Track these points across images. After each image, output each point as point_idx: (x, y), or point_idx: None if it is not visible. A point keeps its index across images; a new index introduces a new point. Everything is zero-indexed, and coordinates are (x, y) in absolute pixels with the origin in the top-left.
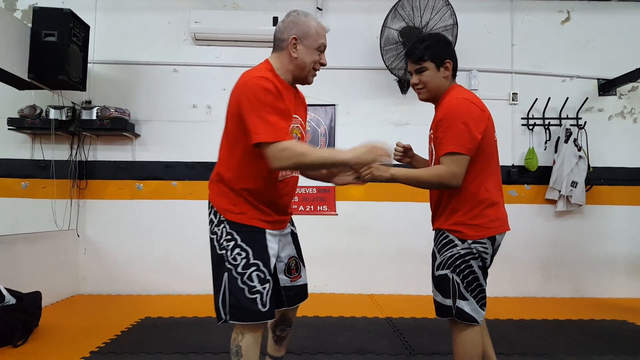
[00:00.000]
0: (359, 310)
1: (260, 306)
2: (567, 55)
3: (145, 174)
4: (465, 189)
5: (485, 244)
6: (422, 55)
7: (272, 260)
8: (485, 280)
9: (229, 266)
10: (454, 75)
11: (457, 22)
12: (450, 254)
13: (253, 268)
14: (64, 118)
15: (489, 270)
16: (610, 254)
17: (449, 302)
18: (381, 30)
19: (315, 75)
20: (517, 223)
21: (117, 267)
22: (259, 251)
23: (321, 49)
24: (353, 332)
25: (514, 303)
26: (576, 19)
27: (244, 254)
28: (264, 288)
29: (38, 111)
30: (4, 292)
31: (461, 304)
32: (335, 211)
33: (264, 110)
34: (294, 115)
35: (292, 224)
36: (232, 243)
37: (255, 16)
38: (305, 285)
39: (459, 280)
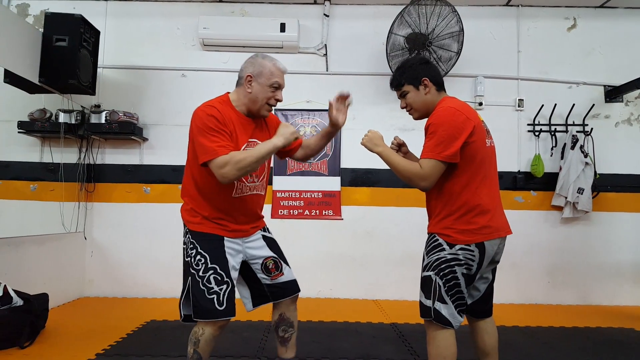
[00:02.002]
0: (364, 316)
1: (217, 305)
2: (573, 61)
3: (153, 178)
4: (457, 196)
5: (472, 251)
6: (399, 81)
7: (232, 264)
8: (467, 287)
9: (192, 271)
10: (439, 89)
11: (463, 28)
12: (436, 257)
13: (211, 272)
14: (73, 122)
15: (495, 277)
16: (617, 261)
17: (429, 303)
18: (387, 37)
19: (270, 110)
20: (523, 229)
21: (124, 270)
22: (216, 256)
23: (274, 86)
24: (358, 338)
25: (520, 310)
26: (582, 25)
27: (203, 260)
28: (220, 289)
29: (48, 115)
30: (12, 293)
31: (439, 306)
32: (340, 216)
33: (207, 133)
34: (251, 140)
35: (265, 230)
36: (194, 250)
37: (263, 22)
38: (292, 281)
39: (441, 284)
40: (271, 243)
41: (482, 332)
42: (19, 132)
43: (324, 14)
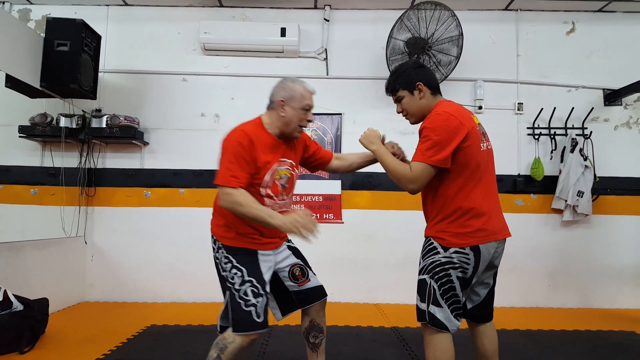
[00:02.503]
0: (365, 320)
1: (255, 317)
2: (572, 65)
3: (154, 182)
4: (451, 199)
5: (467, 254)
6: (393, 86)
7: (267, 277)
8: (463, 290)
9: (229, 285)
10: (434, 93)
11: (462, 33)
12: (431, 260)
13: (248, 284)
14: (74, 126)
15: (496, 280)
16: (617, 264)
17: (424, 306)
18: (387, 41)
19: (301, 131)
20: (523, 232)
21: (124, 274)
22: (252, 270)
23: (306, 108)
24: (359, 342)
25: (520, 313)
26: (581, 29)
27: (240, 273)
28: (257, 301)
29: (49, 119)
30: (12, 298)
31: (434, 309)
32: (341, 219)
33: (228, 158)
34: (282, 159)
35: (289, 240)
36: (229, 265)
37: (264, 27)
38: (318, 287)
39: (435, 287)
40: (296, 251)
41: (482, 336)
42: (19, 136)
43: (325, 19)
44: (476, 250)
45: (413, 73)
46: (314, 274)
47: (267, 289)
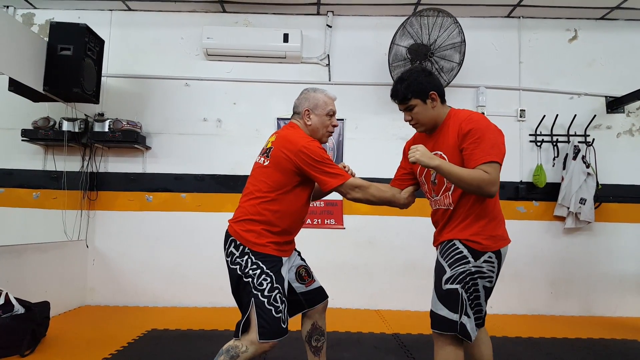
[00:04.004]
0: (366, 326)
1: (282, 324)
2: (574, 72)
3: (155, 186)
4: (490, 202)
5: (493, 262)
6: (405, 95)
7: (286, 284)
8: (486, 301)
9: (255, 292)
10: (443, 101)
11: (464, 39)
12: (462, 269)
13: (276, 291)
14: (76, 130)
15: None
16: (620, 272)
17: (455, 317)
18: (390, 47)
19: (330, 135)
20: (525, 239)
21: (125, 278)
22: (279, 277)
23: (330, 114)
24: (359, 348)
25: (522, 321)
26: (583, 37)
27: (268, 279)
28: (284, 307)
29: (51, 123)
30: (13, 301)
31: (465, 320)
32: (342, 225)
33: (326, 163)
34: None
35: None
36: (258, 271)
37: (266, 33)
38: (320, 288)
39: (465, 297)
40: (299, 253)
41: (479, 342)
42: (22, 140)
43: (327, 25)
44: (499, 255)
45: (426, 81)
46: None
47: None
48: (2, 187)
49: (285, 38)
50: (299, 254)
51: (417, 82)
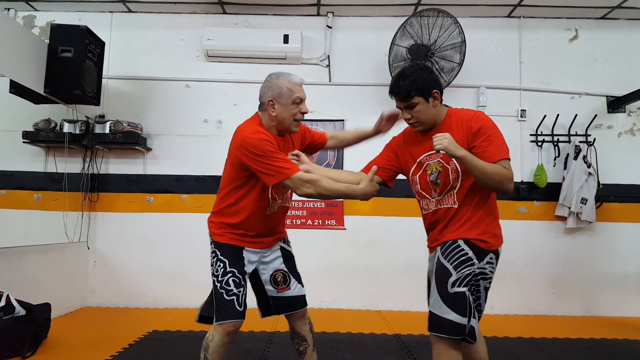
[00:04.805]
0: (367, 327)
1: (237, 306)
2: (575, 72)
3: (156, 187)
4: (491, 200)
5: (493, 263)
6: (408, 92)
7: (248, 269)
8: (485, 302)
9: (213, 277)
10: (442, 101)
11: (465, 40)
12: (468, 271)
13: (229, 275)
14: (77, 132)
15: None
16: (621, 272)
17: (464, 320)
18: (390, 48)
19: (298, 124)
20: (526, 239)
21: (126, 280)
22: (234, 262)
23: (296, 101)
24: (361, 349)
25: (524, 321)
26: (584, 36)
27: (222, 265)
28: (239, 291)
29: (52, 125)
30: (15, 303)
31: (473, 322)
32: (343, 226)
33: (269, 156)
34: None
35: (285, 243)
36: (215, 258)
37: (267, 34)
38: (298, 297)
39: (471, 300)
40: (287, 256)
41: (477, 342)
42: (23, 142)
43: (327, 26)
44: (497, 255)
45: (429, 79)
46: (299, 283)
47: (247, 281)
48: (3, 189)
49: (286, 39)
50: (287, 256)
51: (421, 79)
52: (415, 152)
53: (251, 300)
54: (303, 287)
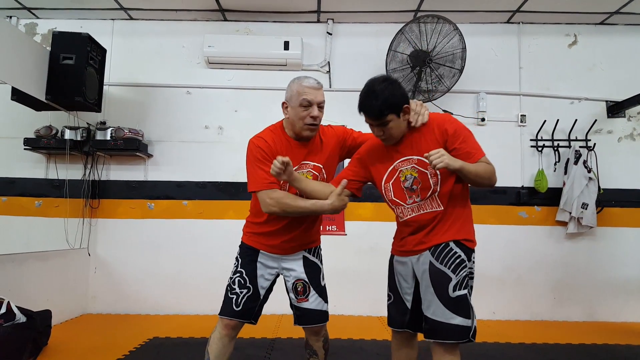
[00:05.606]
0: (369, 333)
1: (234, 305)
2: (574, 77)
3: (157, 194)
4: (468, 199)
5: (474, 262)
6: (381, 111)
7: (260, 272)
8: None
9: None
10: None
11: (465, 46)
12: (464, 273)
13: (237, 275)
14: (78, 138)
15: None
16: (623, 277)
17: (469, 322)
18: (387, 54)
19: (310, 129)
20: (527, 245)
21: (127, 286)
22: (246, 263)
23: (304, 104)
24: (362, 355)
25: (525, 326)
26: (583, 42)
27: (236, 263)
28: (241, 292)
29: (54, 131)
30: (15, 310)
31: (475, 323)
32: (344, 231)
33: (255, 164)
34: (303, 162)
35: (311, 254)
36: (236, 255)
37: (267, 40)
38: (316, 311)
39: (470, 300)
40: (310, 267)
41: (414, 345)
42: (25, 148)
43: (327, 32)
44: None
45: (399, 94)
46: (321, 297)
47: (262, 284)
48: (5, 196)
49: (286, 46)
50: (311, 267)
51: (392, 95)
52: (386, 160)
53: (267, 306)
54: (326, 303)
